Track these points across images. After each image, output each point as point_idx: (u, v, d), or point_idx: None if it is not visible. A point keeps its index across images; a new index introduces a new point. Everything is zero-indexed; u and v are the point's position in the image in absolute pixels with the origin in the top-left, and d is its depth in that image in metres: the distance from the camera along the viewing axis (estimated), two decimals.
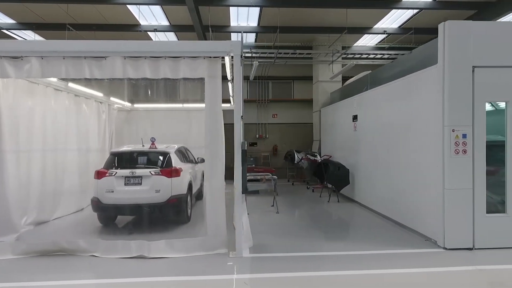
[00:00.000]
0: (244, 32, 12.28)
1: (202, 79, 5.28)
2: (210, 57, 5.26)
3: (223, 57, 5.40)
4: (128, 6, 10.46)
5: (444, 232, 5.49)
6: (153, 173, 6.55)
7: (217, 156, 5.32)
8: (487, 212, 5.53)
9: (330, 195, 10.02)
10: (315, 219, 8.04)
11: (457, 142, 5.43)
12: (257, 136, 15.59)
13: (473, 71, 5.46)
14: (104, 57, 5.15)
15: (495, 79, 5.49)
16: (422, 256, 5.37)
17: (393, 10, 11.17)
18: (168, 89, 11.83)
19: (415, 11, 11.18)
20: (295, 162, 13.08)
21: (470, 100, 5.45)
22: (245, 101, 15.40)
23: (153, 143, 6.97)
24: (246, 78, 15.50)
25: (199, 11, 10.54)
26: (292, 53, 11.52)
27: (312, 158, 11.89)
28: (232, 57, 5.41)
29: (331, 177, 9.61)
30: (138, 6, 10.34)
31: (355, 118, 9.46)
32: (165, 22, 11.96)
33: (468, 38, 5.43)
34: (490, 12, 10.28)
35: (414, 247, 5.74)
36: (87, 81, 8.85)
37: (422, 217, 6.16)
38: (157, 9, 10.83)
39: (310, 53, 13.05)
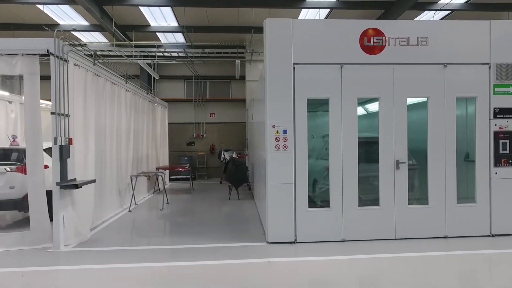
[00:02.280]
0: (164, 31, 12.38)
1: None
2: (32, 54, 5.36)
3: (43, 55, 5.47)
4: (39, 6, 10.55)
5: (268, 226, 5.59)
6: (8, 169, 6.62)
7: (37, 153, 5.40)
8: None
9: (231, 192, 10.13)
10: (195, 215, 8.11)
11: (278, 138, 5.53)
12: (194, 136, 15.67)
13: (294, 68, 5.56)
14: None
15: (316, 75, 5.60)
16: (242, 249, 5.45)
17: (305, 10, 11.30)
18: None
19: (327, 11, 11.32)
20: (221, 160, 13.21)
21: (291, 96, 5.55)
22: (182, 101, 15.61)
23: (14, 140, 7.04)
24: (182, 77, 15.68)
25: (105, 11, 10.65)
26: (202, 52, 11.60)
27: (229, 156, 11.99)
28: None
29: (229, 174, 9.71)
30: (45, 5, 10.41)
31: (253, 116, 9.57)
32: (85, 22, 12.04)
33: (288, 35, 5.53)
34: (393, 11, 10.41)
35: (250, 241, 5.82)
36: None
37: (264, 212, 6.26)
38: (69, 9, 10.90)
39: (237, 52, 13.12)
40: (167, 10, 11.16)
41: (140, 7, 10.73)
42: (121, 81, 8.43)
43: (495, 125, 5.77)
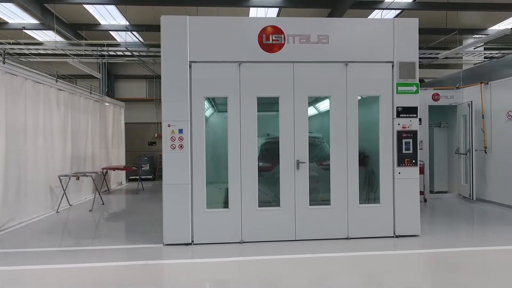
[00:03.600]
0: (113, 30, 12.26)
1: None
2: None
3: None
4: None
5: (164, 227, 5.48)
6: None
7: None
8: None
9: None
10: (122, 217, 8.01)
11: (173, 137, 5.42)
12: (156, 136, 15.55)
13: (190, 66, 5.46)
14: None
15: (213, 74, 5.49)
16: (134, 251, 5.34)
17: (254, 9, 11.20)
18: None
19: (277, 10, 11.24)
20: None
21: (187, 95, 5.44)
22: (143, 100, 15.50)
23: None
24: (143, 77, 15.55)
25: (48, 9, 10.53)
26: (148, 51, 11.50)
27: None
28: None
29: None
30: None
31: None
32: (34, 21, 11.90)
33: (184, 33, 5.42)
34: (337, 10, 10.33)
35: (150, 243, 5.67)
36: None
37: None
38: (15, 8, 10.76)
39: None
40: (113, 9, 11.05)
41: (85, 5, 10.63)
42: (50, 80, 8.30)
43: (398, 124, 5.69)
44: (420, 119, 9.25)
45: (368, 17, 11.91)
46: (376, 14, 11.71)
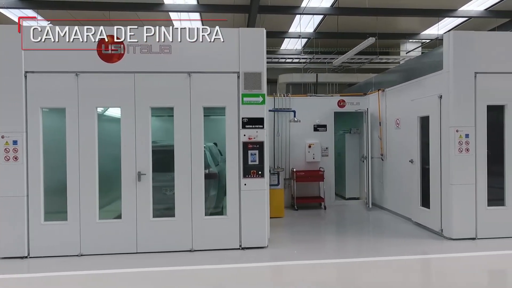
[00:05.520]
0: None
1: None
2: None
3: None
4: None
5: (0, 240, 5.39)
6: None
7: None
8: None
9: None
10: None
11: (7, 149, 5.30)
12: None
13: (25, 76, 5.35)
14: None
15: (50, 84, 5.38)
16: None
17: (175, 14, 11.12)
18: None
19: (197, 14, 11.17)
20: None
21: (23, 106, 5.33)
22: None
23: None
24: None
25: None
26: None
27: None
28: None
29: None
30: None
31: None
32: None
33: (17, 42, 5.27)
34: (251, 15, 10.27)
35: None
36: None
37: None
38: None
39: None
40: (31, 13, 10.93)
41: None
42: None
43: (244, 135, 5.63)
44: (325, 126, 9.33)
45: (292, 23, 11.92)
46: (297, 24, 11.69)
